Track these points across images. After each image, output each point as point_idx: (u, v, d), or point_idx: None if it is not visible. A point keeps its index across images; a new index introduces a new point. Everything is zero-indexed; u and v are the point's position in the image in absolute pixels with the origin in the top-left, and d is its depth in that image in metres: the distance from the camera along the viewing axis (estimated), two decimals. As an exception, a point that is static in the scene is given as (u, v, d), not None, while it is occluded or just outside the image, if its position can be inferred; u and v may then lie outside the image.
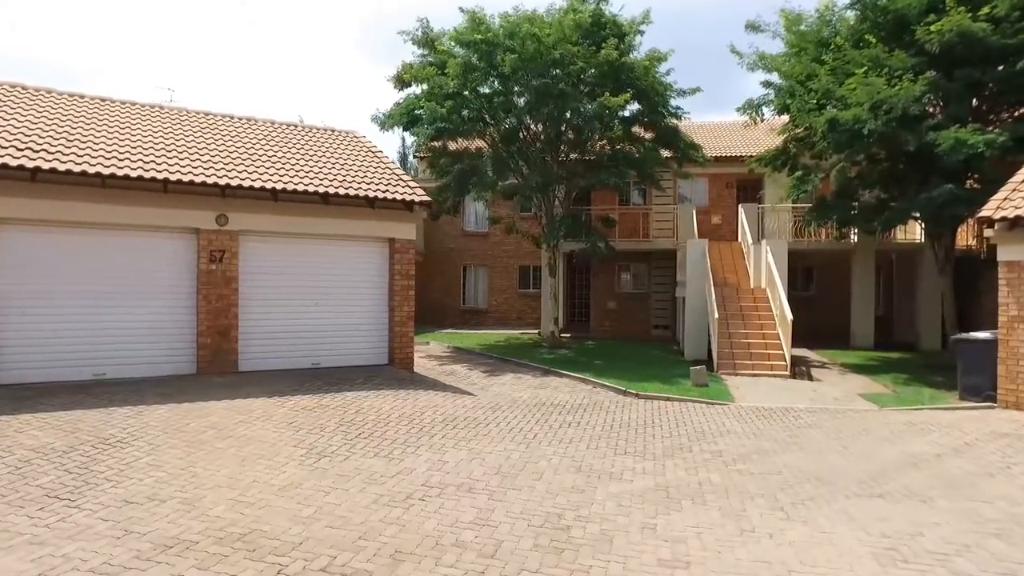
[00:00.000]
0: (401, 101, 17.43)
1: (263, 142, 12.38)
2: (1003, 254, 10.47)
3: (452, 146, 18.31)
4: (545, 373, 13.83)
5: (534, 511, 5.55)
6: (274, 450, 6.98)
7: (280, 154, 12.04)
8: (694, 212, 20.36)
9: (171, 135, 11.44)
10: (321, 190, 10.99)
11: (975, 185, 14.07)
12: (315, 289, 11.64)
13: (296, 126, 14.10)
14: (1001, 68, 13.71)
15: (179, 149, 10.91)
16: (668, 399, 11.08)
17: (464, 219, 26.72)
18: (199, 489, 5.72)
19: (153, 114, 12.28)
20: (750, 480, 6.68)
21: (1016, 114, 14.13)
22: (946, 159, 12.49)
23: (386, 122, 17.05)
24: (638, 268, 23.57)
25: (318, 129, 14.42)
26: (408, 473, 6.48)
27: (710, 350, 15.54)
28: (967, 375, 11.06)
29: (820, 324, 21.60)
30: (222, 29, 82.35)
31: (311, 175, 11.49)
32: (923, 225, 15.47)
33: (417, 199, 11.98)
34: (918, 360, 16.46)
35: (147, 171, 9.65)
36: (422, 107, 16.16)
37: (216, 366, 10.52)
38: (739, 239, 20.38)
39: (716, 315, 14.22)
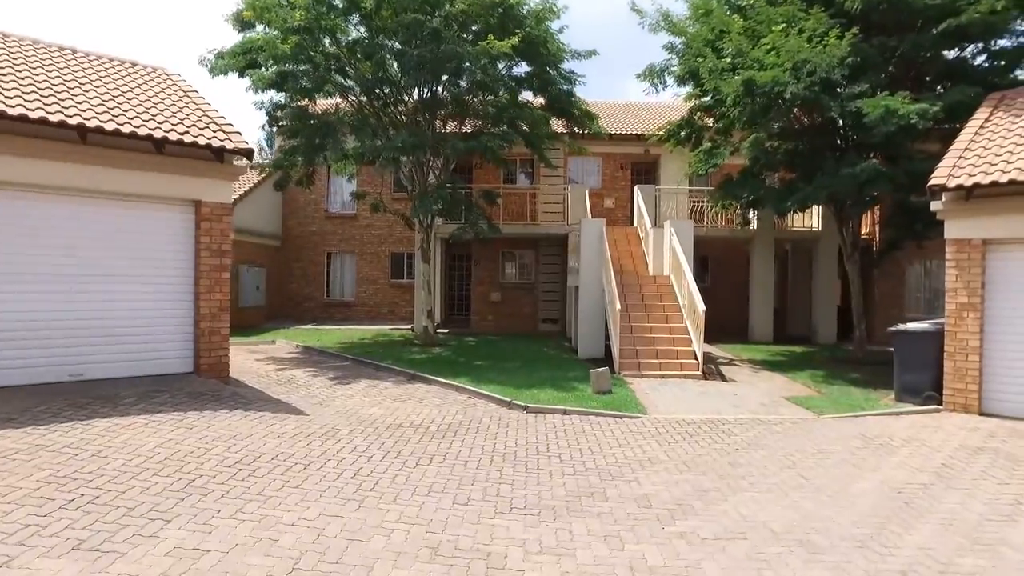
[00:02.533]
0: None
1: (6, 60, 8.65)
2: (952, 230, 8.90)
3: (307, 104, 14.96)
4: (411, 379, 11.01)
5: None
6: None
7: (27, 75, 8.38)
8: (587, 193, 18.25)
9: None
10: (73, 120, 7.52)
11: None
12: (77, 268, 8.14)
13: (73, 51, 10.34)
14: (920, 33, 12.55)
15: None
16: (565, 412, 8.63)
17: (328, 199, 23.35)
18: None
19: None
20: (704, 553, 4.27)
21: (937, 87, 12.98)
22: (875, 130, 10.97)
23: (217, 65, 13.45)
24: (525, 256, 21.22)
25: (109, 58, 10.71)
26: (117, 588, 3.49)
27: (608, 347, 13.38)
28: (905, 372, 9.46)
29: (717, 317, 20.20)
30: None
31: (67, 103, 7.97)
32: (833, 208, 14.17)
33: (230, 145, 8.74)
34: (822, 354, 15.21)
35: None
36: (261, 46, 12.75)
37: None
38: (635, 224, 18.54)
39: (618, 306, 12.01)
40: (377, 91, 14.60)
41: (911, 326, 9.56)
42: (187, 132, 8.53)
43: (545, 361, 13.24)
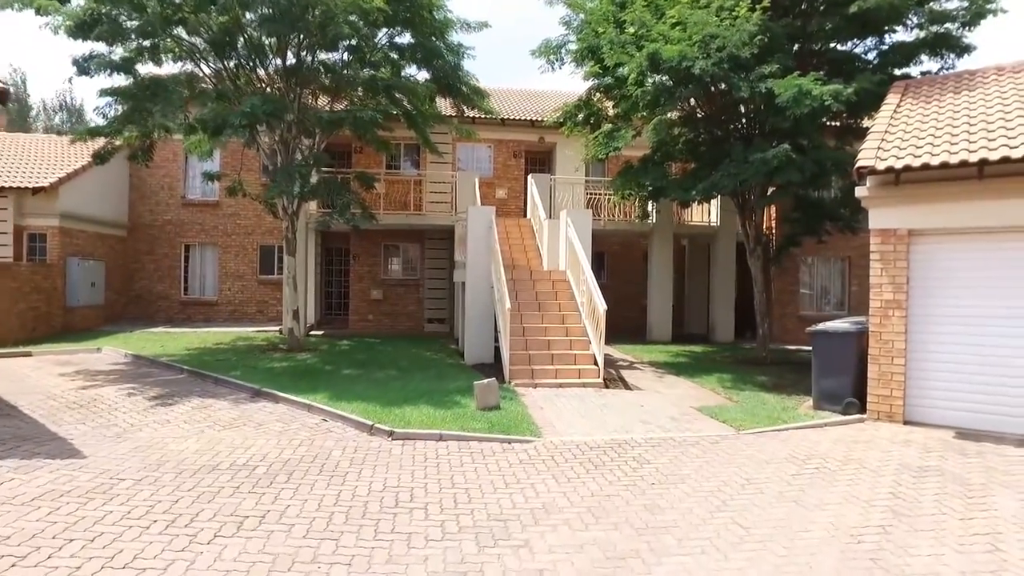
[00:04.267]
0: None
1: None
2: (876, 219, 7.99)
3: (131, 56, 12.28)
4: (255, 396, 8.92)
5: None
6: None
7: None
8: (477, 180, 16.65)
9: None
10: None
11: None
12: None
13: None
14: (825, 17, 11.94)
15: None
16: (440, 438, 6.93)
17: (186, 183, 20.39)
18: None
19: None
20: None
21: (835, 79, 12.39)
22: (788, 112, 10.09)
23: (3, -1, 10.60)
24: (409, 249, 19.35)
25: None
26: None
27: (497, 350, 11.84)
28: (824, 376, 8.51)
29: (615, 316, 19.22)
30: None
31: None
32: (736, 201, 13.36)
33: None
34: (722, 354, 14.45)
35: None
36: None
37: None
38: (528, 215, 17.14)
39: (508, 304, 10.46)
40: (229, 50, 12.24)
41: (830, 326, 8.63)
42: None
43: (426, 368, 11.49)
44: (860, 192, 7.99)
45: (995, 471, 6.00)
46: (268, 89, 12.89)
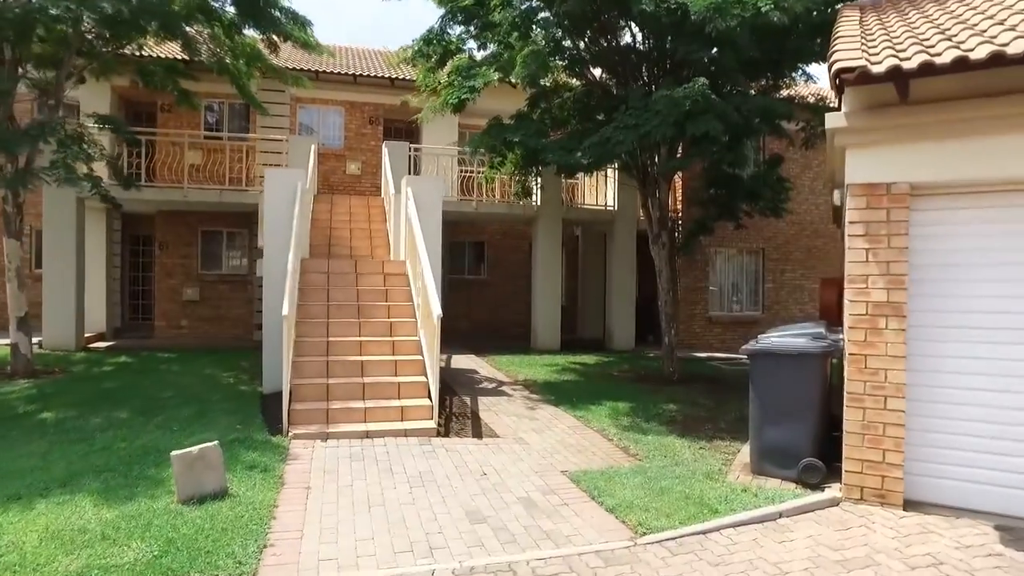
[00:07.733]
0: None
1: None
2: (858, 168, 4.83)
3: None
4: None
5: None
6: None
7: None
8: (314, 148, 12.75)
9: None
10: None
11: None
12: None
13: None
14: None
15: None
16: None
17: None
18: None
19: None
20: None
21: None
22: (708, 27, 6.98)
23: None
24: (236, 237, 15.19)
25: None
26: None
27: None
28: (768, 424, 5.36)
29: (494, 318, 15.97)
30: None
31: None
32: (637, 172, 10.28)
33: None
34: (620, 367, 11.40)
35: None
36: None
37: None
38: (383, 193, 13.46)
39: (286, 309, 6.64)
40: None
41: (777, 342, 5.43)
42: None
43: (190, 403, 7.59)
44: (832, 122, 4.82)
45: None
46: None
